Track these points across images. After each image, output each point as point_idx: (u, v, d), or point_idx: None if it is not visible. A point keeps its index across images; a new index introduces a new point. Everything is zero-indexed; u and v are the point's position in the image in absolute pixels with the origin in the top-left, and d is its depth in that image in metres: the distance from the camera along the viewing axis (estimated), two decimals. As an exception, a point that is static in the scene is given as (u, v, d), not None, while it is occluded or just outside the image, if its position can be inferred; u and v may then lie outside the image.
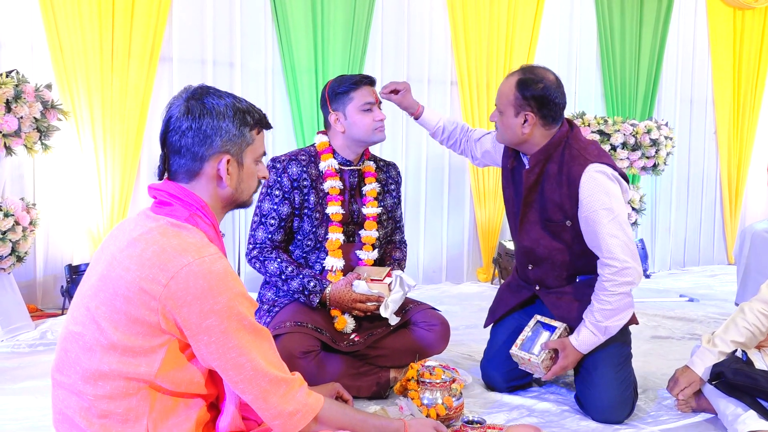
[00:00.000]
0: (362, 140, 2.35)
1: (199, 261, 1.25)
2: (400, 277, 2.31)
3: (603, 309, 2.09)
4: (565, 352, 2.14)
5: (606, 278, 2.08)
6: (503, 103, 2.20)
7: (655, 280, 5.02)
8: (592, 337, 2.12)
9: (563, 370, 2.16)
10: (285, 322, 2.19)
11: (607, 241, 2.06)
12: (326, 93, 2.36)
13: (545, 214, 2.22)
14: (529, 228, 2.27)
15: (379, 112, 2.33)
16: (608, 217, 2.07)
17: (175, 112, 1.34)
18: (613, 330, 2.12)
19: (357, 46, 4.24)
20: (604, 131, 4.32)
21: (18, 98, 2.88)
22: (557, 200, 2.17)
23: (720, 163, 5.94)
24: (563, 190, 2.15)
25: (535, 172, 2.20)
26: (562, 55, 5.14)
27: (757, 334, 2.08)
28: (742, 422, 1.91)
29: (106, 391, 1.25)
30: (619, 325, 2.12)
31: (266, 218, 2.31)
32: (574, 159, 2.15)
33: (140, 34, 3.68)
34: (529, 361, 2.15)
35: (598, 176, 2.10)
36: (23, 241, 3.03)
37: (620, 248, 2.06)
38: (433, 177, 4.72)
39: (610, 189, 2.10)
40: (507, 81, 2.21)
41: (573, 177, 2.13)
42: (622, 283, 2.06)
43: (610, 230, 2.06)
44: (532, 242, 2.27)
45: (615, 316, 2.10)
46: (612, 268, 2.06)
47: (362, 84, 2.31)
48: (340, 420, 1.40)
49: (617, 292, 2.07)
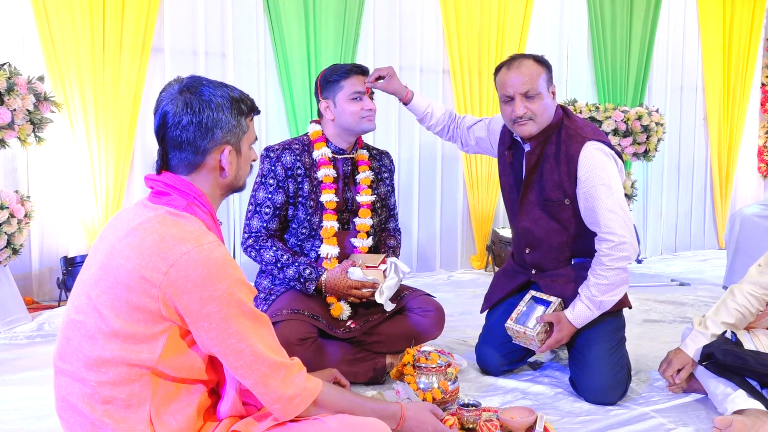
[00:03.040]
0: (350, 129, 2.36)
1: (198, 249, 1.26)
2: (395, 263, 2.33)
3: (599, 284, 2.13)
4: (559, 325, 2.18)
5: (603, 253, 2.12)
6: (537, 84, 2.14)
7: (646, 265, 5.07)
8: (587, 311, 2.16)
9: (557, 344, 2.20)
10: (282, 309, 2.21)
11: (605, 216, 2.10)
12: (318, 81, 2.38)
13: (543, 194, 2.25)
14: (529, 209, 2.30)
15: (369, 102, 2.34)
16: (606, 192, 2.11)
17: (170, 107, 1.34)
18: (608, 305, 2.16)
19: (349, 36, 4.24)
20: (596, 118, 4.35)
21: (11, 91, 2.88)
22: (556, 179, 2.21)
23: (710, 149, 5.99)
24: (562, 168, 2.19)
25: (536, 153, 2.23)
26: (554, 43, 5.16)
27: (747, 315, 2.12)
28: (731, 401, 1.95)
29: (109, 378, 1.26)
30: (614, 300, 2.16)
31: (261, 207, 2.33)
32: (571, 138, 2.19)
33: (131, 26, 3.67)
34: (524, 334, 2.18)
35: (596, 153, 2.14)
36: (18, 234, 3.04)
37: (618, 223, 2.10)
38: (426, 165, 4.74)
39: (608, 166, 2.14)
40: (525, 65, 2.16)
41: (571, 155, 2.16)
42: (619, 257, 2.10)
43: (608, 205, 2.10)
44: (531, 222, 2.30)
45: (610, 291, 2.14)
46: (609, 242, 2.10)
47: (352, 73, 2.32)
48: (339, 403, 1.42)
49: (614, 267, 2.11)
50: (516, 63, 2.19)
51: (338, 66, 2.37)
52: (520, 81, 2.15)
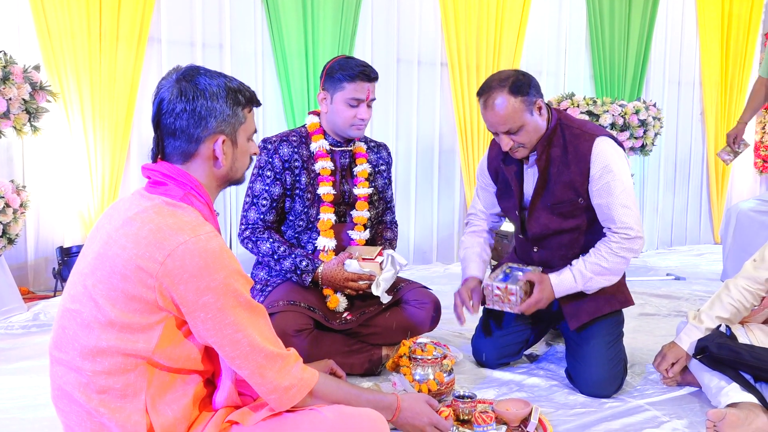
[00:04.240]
0: (337, 129, 2.35)
1: (194, 239, 1.26)
2: (392, 256, 2.33)
3: (597, 263, 2.13)
4: (542, 285, 2.15)
5: (614, 240, 2.12)
6: (516, 119, 2.08)
7: (642, 259, 5.08)
8: (572, 283, 2.15)
9: (536, 305, 2.14)
10: (278, 301, 2.21)
11: (620, 212, 2.10)
12: (326, 70, 2.33)
13: (553, 198, 2.21)
14: (538, 215, 2.26)
15: (364, 111, 2.29)
16: (620, 188, 2.11)
17: (166, 94, 1.34)
18: (594, 287, 2.16)
19: (347, 27, 4.22)
20: (593, 112, 4.35)
21: (6, 79, 2.87)
22: (566, 180, 2.17)
23: (707, 144, 5.99)
24: (572, 168, 2.16)
25: (543, 159, 2.19)
26: (552, 37, 5.15)
27: (742, 309, 2.13)
28: (725, 394, 1.96)
29: (105, 367, 1.26)
30: (600, 286, 2.16)
31: (258, 199, 2.32)
32: (577, 137, 2.16)
33: (128, 15, 3.65)
34: (506, 289, 2.14)
35: (608, 148, 2.13)
36: (14, 224, 3.03)
37: (633, 219, 2.11)
38: (423, 158, 4.74)
39: (619, 160, 2.14)
40: (500, 103, 2.06)
41: (582, 153, 2.14)
42: (628, 248, 2.11)
43: (623, 201, 2.10)
44: (542, 228, 2.26)
45: (604, 275, 2.14)
46: (625, 235, 2.10)
47: (358, 79, 2.25)
48: (335, 394, 1.43)
49: (619, 254, 2.11)
50: (490, 100, 2.08)
51: (348, 64, 2.28)
52: (497, 121, 2.09)
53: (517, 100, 2.07)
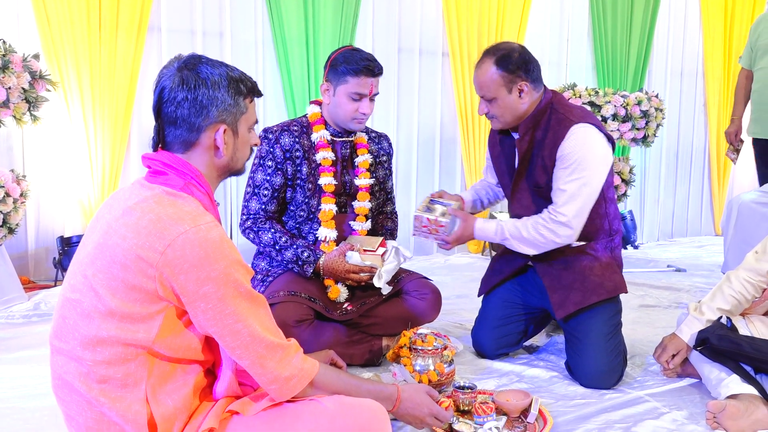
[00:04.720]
0: (339, 121, 2.34)
1: (195, 229, 1.26)
2: (397, 248, 2.33)
3: (518, 229, 2.17)
4: (465, 223, 2.24)
5: (543, 217, 2.15)
6: (491, 90, 2.16)
7: (643, 251, 5.08)
8: (492, 233, 2.22)
9: (458, 240, 2.25)
10: (279, 291, 2.21)
11: (565, 198, 2.11)
12: (330, 61, 2.32)
13: (533, 180, 2.24)
14: (521, 196, 2.30)
15: (366, 105, 2.28)
16: (578, 179, 2.09)
17: (168, 83, 1.33)
18: (510, 246, 2.23)
19: (348, 16, 4.20)
20: (595, 103, 4.33)
21: (5, 68, 2.85)
22: (542, 164, 2.19)
23: (709, 136, 5.97)
24: (546, 152, 2.17)
25: (526, 140, 2.21)
26: (554, 27, 5.12)
27: (743, 301, 2.13)
28: (725, 386, 1.96)
29: (105, 357, 1.26)
30: (515, 249, 2.22)
31: (259, 189, 2.32)
32: (560, 122, 2.16)
33: (128, 4, 3.63)
34: (435, 221, 2.22)
35: (581, 134, 2.12)
36: (14, 213, 3.03)
37: (573, 209, 2.11)
38: (424, 148, 4.72)
39: (590, 152, 2.11)
40: (483, 68, 2.17)
41: (558, 138, 2.14)
42: (552, 230, 2.13)
43: (573, 191, 2.10)
44: (524, 209, 2.29)
45: (519, 242, 2.19)
46: (555, 217, 2.12)
47: (362, 74, 2.24)
48: (336, 385, 1.43)
49: (540, 231, 2.14)
50: (479, 63, 2.19)
51: (353, 57, 2.26)
52: (476, 84, 2.20)
53: (497, 72, 2.15)
